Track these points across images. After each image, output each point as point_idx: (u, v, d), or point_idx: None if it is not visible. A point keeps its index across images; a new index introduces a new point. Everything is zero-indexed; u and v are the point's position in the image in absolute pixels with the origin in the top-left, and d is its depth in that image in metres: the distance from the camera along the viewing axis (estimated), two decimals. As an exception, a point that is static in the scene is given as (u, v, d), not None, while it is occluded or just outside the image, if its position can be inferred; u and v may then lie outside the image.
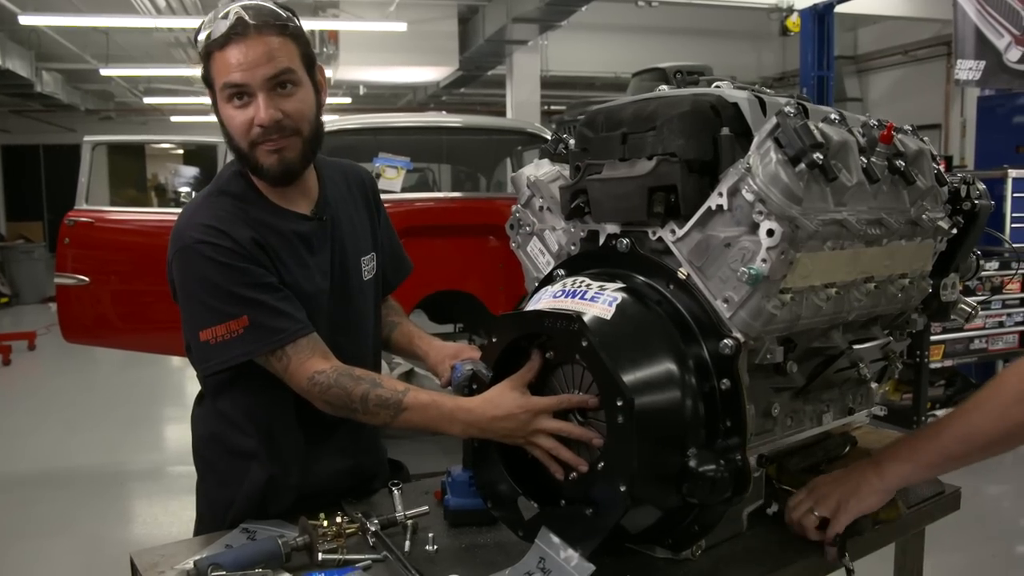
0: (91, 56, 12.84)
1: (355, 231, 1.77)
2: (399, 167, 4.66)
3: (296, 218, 1.65)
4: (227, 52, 1.51)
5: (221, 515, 1.66)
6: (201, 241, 1.53)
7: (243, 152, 1.58)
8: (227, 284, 1.52)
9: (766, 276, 1.23)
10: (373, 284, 1.80)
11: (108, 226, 5.11)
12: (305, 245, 1.64)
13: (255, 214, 1.60)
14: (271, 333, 1.51)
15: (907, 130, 1.56)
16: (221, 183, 1.66)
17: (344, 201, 1.76)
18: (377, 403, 1.49)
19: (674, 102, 1.36)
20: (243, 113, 1.54)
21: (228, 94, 1.53)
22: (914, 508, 1.66)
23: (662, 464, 1.26)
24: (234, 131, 1.56)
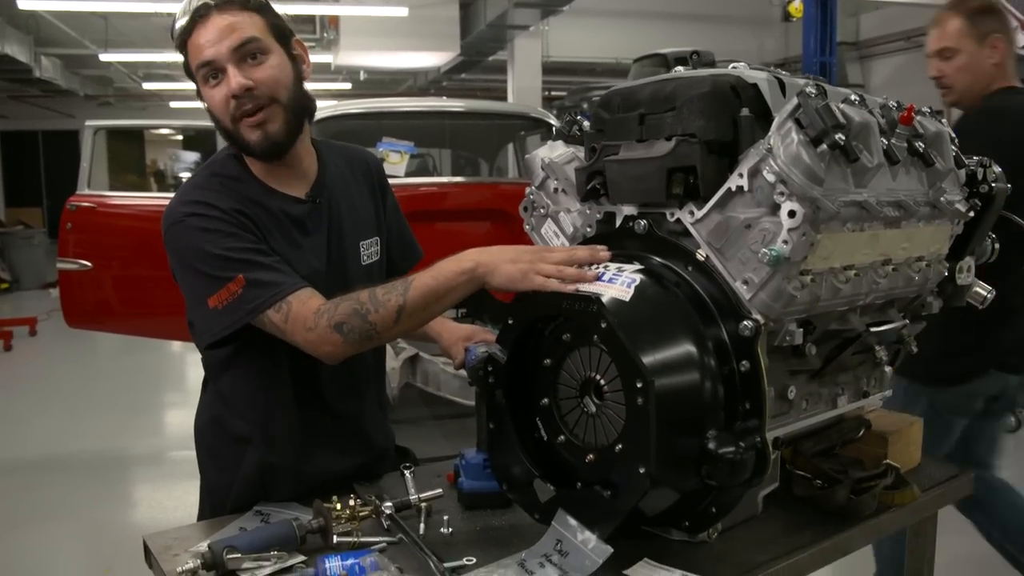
0: (90, 41, 12.78)
1: (355, 215, 1.75)
2: (403, 151, 4.64)
3: (289, 200, 1.65)
4: (195, 36, 1.54)
5: (221, 500, 1.66)
6: (190, 214, 1.54)
7: (230, 132, 1.59)
8: (219, 249, 1.51)
9: (787, 257, 1.22)
10: (375, 269, 1.78)
11: (110, 211, 5.09)
12: (298, 227, 1.64)
13: (247, 194, 1.60)
14: (270, 286, 1.49)
15: (926, 112, 1.55)
16: (214, 166, 1.66)
17: (345, 184, 1.75)
18: (386, 291, 1.45)
19: (694, 83, 1.34)
20: (220, 90, 1.55)
21: (203, 75, 1.55)
22: (928, 491, 1.66)
23: (681, 446, 1.25)
24: (216, 111, 1.57)
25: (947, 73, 2.56)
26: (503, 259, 1.40)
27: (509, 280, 1.39)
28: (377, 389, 1.84)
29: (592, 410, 1.36)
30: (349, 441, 1.73)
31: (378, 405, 1.84)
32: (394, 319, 1.45)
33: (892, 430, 1.72)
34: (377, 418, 1.82)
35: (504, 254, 1.41)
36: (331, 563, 1.28)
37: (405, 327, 1.49)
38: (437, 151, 7.67)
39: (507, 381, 1.43)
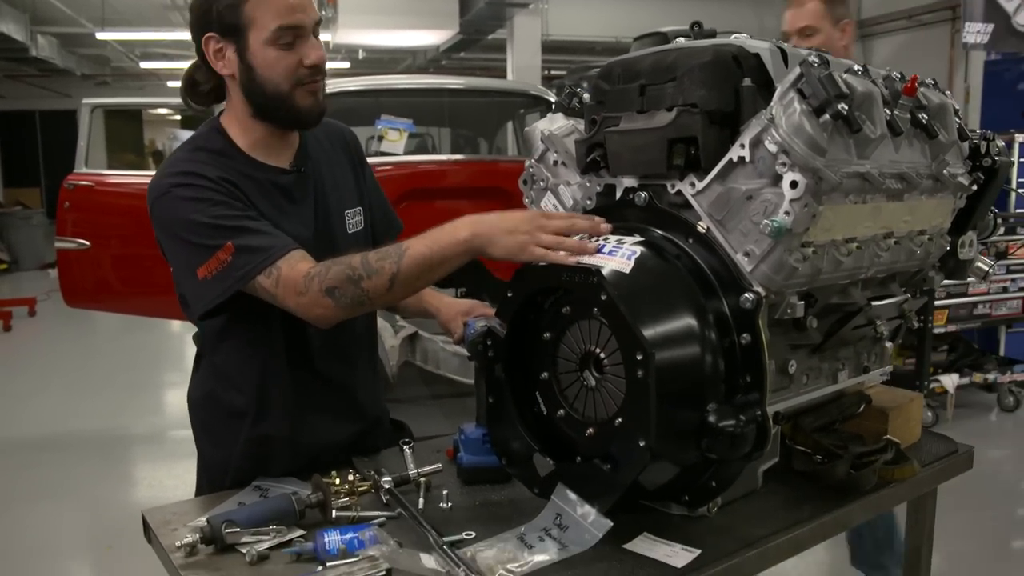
0: (86, 19, 12.70)
1: (338, 185, 1.76)
2: (402, 129, 4.62)
3: (274, 171, 1.65)
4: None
5: (219, 477, 1.65)
6: (176, 184, 1.53)
7: (281, 93, 1.58)
8: (206, 218, 1.50)
9: (789, 229, 1.21)
10: (361, 238, 1.78)
11: (108, 190, 5.07)
12: (285, 195, 1.64)
13: (232, 165, 1.60)
14: (259, 252, 1.48)
15: (930, 83, 1.53)
16: (198, 140, 1.65)
17: (326, 155, 1.76)
18: (379, 257, 1.44)
19: (695, 52, 1.32)
20: (290, 55, 1.56)
21: (277, 36, 1.54)
22: (928, 467, 1.65)
23: (681, 419, 1.24)
24: (277, 74, 1.56)
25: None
26: (501, 229, 1.38)
27: (507, 252, 1.37)
28: (369, 355, 1.84)
29: (592, 384, 1.35)
30: (342, 408, 1.73)
31: (370, 371, 1.83)
32: (387, 286, 1.44)
33: (892, 406, 1.71)
34: (369, 384, 1.81)
35: (503, 223, 1.38)
36: (330, 537, 1.28)
37: (398, 295, 1.48)
38: (436, 129, 7.62)
39: (506, 355, 1.42)
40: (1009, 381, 5.16)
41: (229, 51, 1.57)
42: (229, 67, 1.58)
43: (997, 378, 5.09)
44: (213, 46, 1.57)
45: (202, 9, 1.56)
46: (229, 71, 1.59)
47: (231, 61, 1.58)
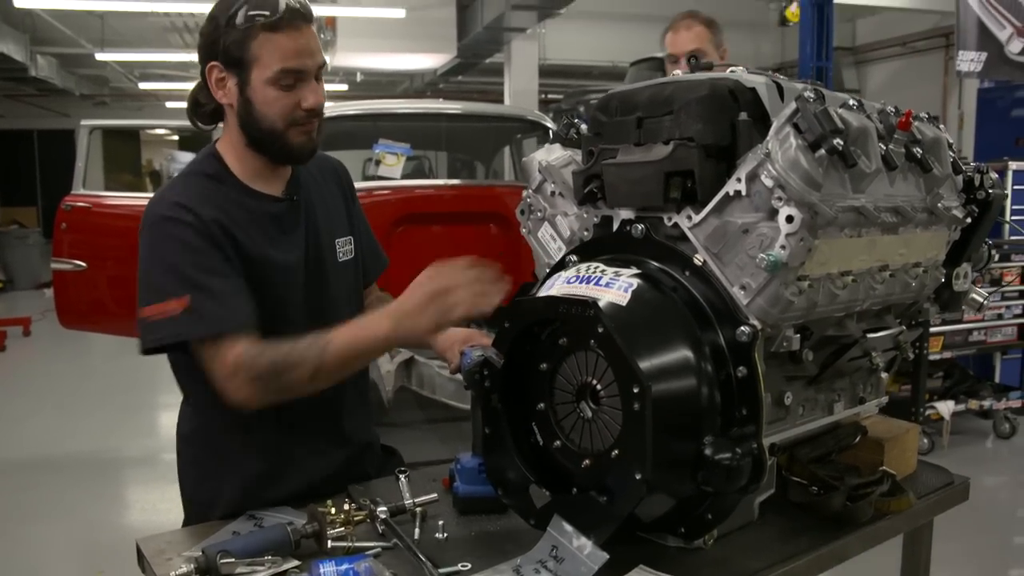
0: (86, 40, 12.76)
1: (329, 214, 1.78)
2: (399, 153, 4.64)
3: (267, 199, 1.67)
4: (283, 36, 1.55)
5: (207, 511, 1.64)
6: (166, 218, 1.55)
7: (276, 131, 1.60)
8: (180, 263, 1.52)
9: (785, 263, 1.21)
10: (352, 267, 1.81)
11: (105, 211, 5.08)
12: (276, 224, 1.66)
13: (226, 193, 1.62)
14: (207, 320, 1.50)
15: (924, 117, 1.54)
16: (195, 165, 1.68)
17: (317, 185, 1.78)
18: (307, 346, 1.49)
19: (692, 86, 1.34)
20: (289, 96, 1.58)
21: (278, 77, 1.56)
22: (924, 498, 1.65)
23: (677, 452, 1.24)
24: (273, 112, 1.58)
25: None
26: (413, 313, 1.46)
27: (428, 332, 1.49)
28: (356, 382, 1.83)
29: (588, 415, 1.35)
30: (328, 436, 1.73)
31: (357, 397, 1.83)
32: (309, 378, 1.50)
33: (888, 436, 1.71)
34: (357, 411, 1.81)
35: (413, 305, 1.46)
36: (325, 568, 1.27)
37: (320, 385, 1.53)
38: (433, 153, 7.65)
39: (503, 385, 1.42)
40: (1005, 408, 5.17)
41: (231, 82, 1.59)
42: (228, 97, 1.60)
43: (993, 405, 5.09)
44: (216, 74, 1.59)
45: (210, 37, 1.58)
46: (228, 101, 1.61)
47: (231, 92, 1.60)
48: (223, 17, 1.56)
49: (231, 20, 1.54)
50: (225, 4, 1.58)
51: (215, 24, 1.57)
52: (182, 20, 12.25)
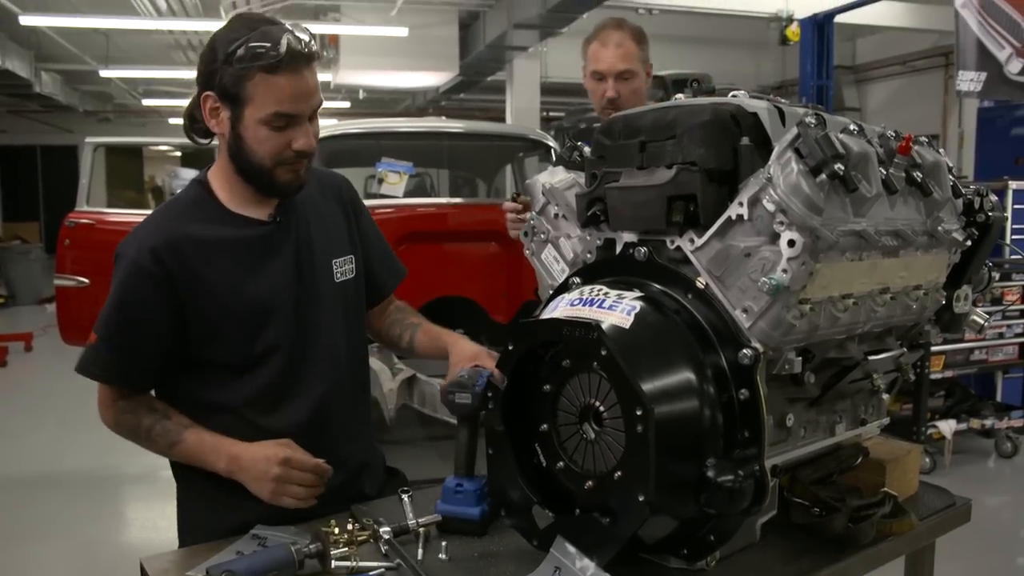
0: (90, 57, 12.83)
1: (326, 234, 1.78)
2: (401, 172, 4.66)
3: (250, 223, 1.68)
4: (280, 78, 1.55)
5: (203, 535, 1.64)
6: (125, 255, 1.62)
7: (264, 168, 1.62)
8: (112, 305, 1.62)
9: (787, 286, 1.23)
10: (350, 286, 1.81)
11: (109, 228, 5.10)
12: (257, 250, 1.68)
13: (204, 220, 1.66)
14: (98, 366, 1.64)
15: (923, 141, 1.56)
16: (182, 192, 1.75)
17: (314, 203, 1.78)
18: (163, 431, 1.64)
19: (694, 111, 1.35)
20: (280, 137, 1.59)
21: (271, 119, 1.57)
22: (926, 520, 1.66)
23: (680, 474, 1.25)
24: (263, 151, 1.60)
25: (624, 95, 2.50)
26: (251, 478, 1.58)
27: (259, 496, 1.59)
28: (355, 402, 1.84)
29: (591, 436, 1.35)
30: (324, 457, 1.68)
31: (355, 417, 1.83)
32: (158, 452, 1.68)
33: (890, 458, 1.72)
34: (353, 433, 1.81)
35: (252, 471, 1.58)
36: (328, 589, 1.27)
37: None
38: (435, 172, 7.68)
39: (506, 407, 1.42)
40: (1006, 427, 5.16)
41: (224, 114, 1.60)
42: (220, 127, 1.62)
43: (994, 424, 5.09)
44: (210, 104, 1.60)
45: (209, 68, 1.58)
46: (220, 131, 1.63)
47: (223, 123, 1.61)
48: (222, 50, 1.55)
49: (230, 56, 1.53)
50: (227, 35, 1.57)
51: (214, 55, 1.57)
52: (186, 38, 12.32)
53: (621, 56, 2.48)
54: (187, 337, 1.63)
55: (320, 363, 1.72)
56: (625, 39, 2.50)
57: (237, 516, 1.60)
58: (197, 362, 1.65)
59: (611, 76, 2.48)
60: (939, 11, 10.67)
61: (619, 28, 2.53)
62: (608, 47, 2.49)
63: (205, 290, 1.61)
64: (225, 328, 1.63)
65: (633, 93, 2.50)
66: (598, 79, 2.51)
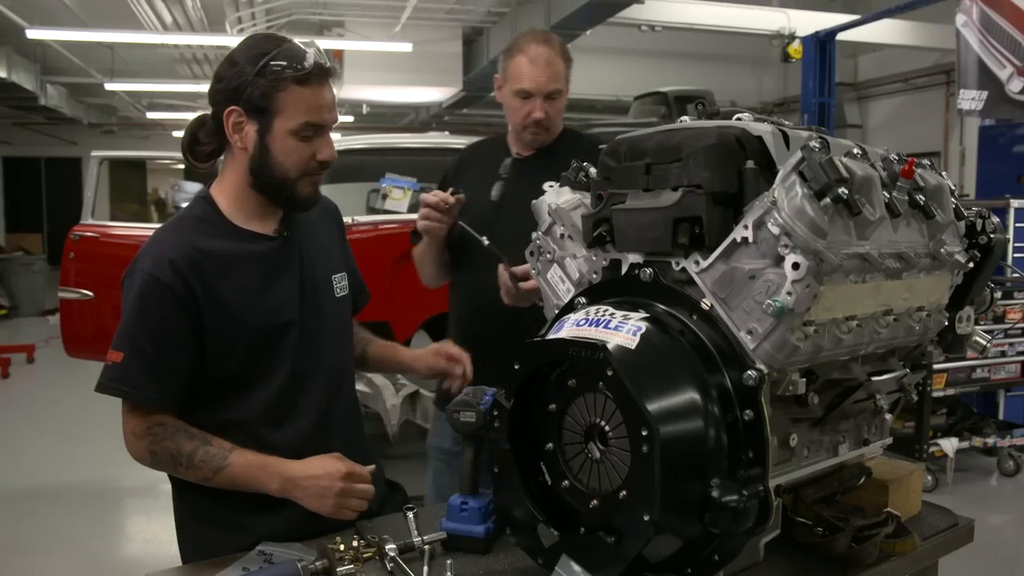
0: (96, 70, 12.91)
1: (324, 250, 1.82)
2: (406, 187, 4.69)
3: (257, 238, 1.70)
4: (308, 90, 1.60)
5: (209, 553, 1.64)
6: (141, 269, 1.60)
7: (288, 180, 1.64)
8: (134, 319, 1.59)
9: (791, 309, 1.24)
10: (346, 302, 1.86)
11: (114, 241, 5.12)
12: (267, 263, 1.69)
13: (214, 236, 1.66)
14: (131, 384, 1.58)
15: (926, 164, 1.57)
16: (186, 210, 1.75)
17: (310, 221, 1.81)
18: (206, 456, 1.59)
19: (700, 134, 1.37)
20: (306, 147, 1.63)
21: (301, 129, 1.61)
22: (929, 540, 1.66)
23: (685, 494, 1.26)
24: (290, 161, 1.63)
25: (552, 116, 2.33)
26: (310, 492, 1.58)
27: (316, 511, 1.59)
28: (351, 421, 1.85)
29: (596, 456, 1.36)
30: None
31: (355, 436, 1.85)
32: (197, 480, 1.62)
33: (892, 478, 1.72)
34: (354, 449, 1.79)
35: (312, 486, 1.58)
36: (335, 606, 1.28)
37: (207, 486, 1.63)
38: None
39: (512, 425, 1.43)
40: (1009, 445, 5.16)
41: (250, 128, 1.62)
42: (244, 142, 1.63)
43: (997, 442, 5.09)
44: (234, 119, 1.62)
45: (233, 83, 1.60)
46: (243, 145, 1.64)
47: (248, 138, 1.63)
48: (250, 65, 1.59)
49: (261, 69, 1.57)
50: (251, 51, 1.61)
51: (239, 70, 1.60)
52: (191, 52, 12.41)
53: (551, 76, 2.29)
54: (204, 352, 1.62)
55: (324, 376, 1.74)
56: (554, 57, 2.30)
57: (241, 535, 1.61)
58: (209, 379, 1.64)
59: (540, 96, 2.29)
60: (940, 29, 10.74)
61: (548, 44, 2.31)
62: (537, 65, 2.28)
63: (222, 305, 1.61)
64: (241, 343, 1.63)
65: (558, 113, 2.35)
66: (523, 97, 2.29)
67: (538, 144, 2.37)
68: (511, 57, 2.33)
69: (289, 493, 1.59)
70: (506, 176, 2.29)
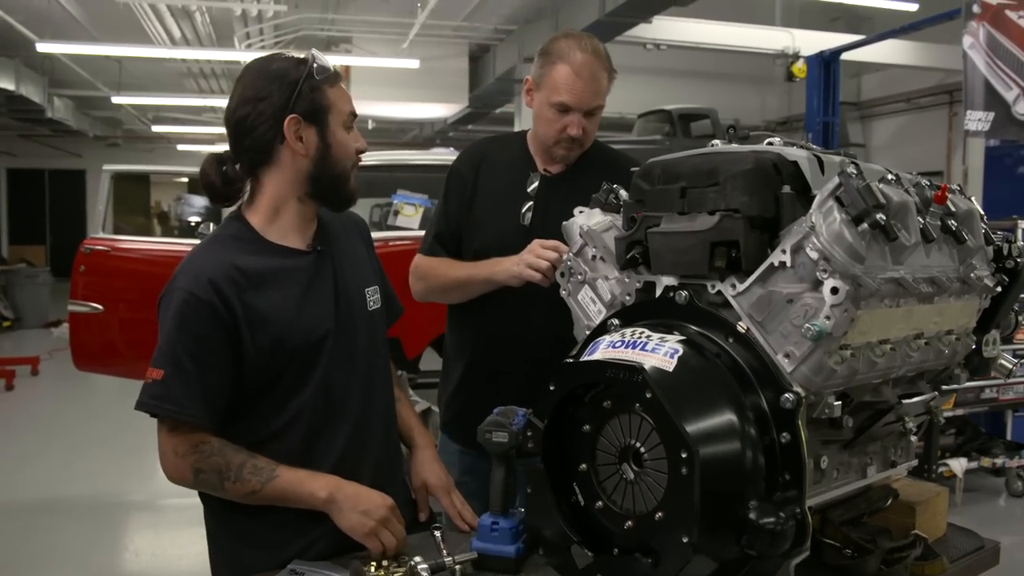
0: (103, 83, 12.96)
1: (357, 264, 1.84)
2: (418, 204, 4.71)
3: (291, 253, 1.71)
4: (339, 89, 1.72)
5: (242, 571, 1.66)
6: (180, 287, 1.62)
7: (344, 172, 1.73)
8: (174, 337, 1.59)
9: (829, 333, 1.25)
10: (380, 316, 1.86)
11: (124, 255, 5.14)
12: (303, 279, 1.71)
13: (250, 252, 1.67)
14: (171, 402, 1.58)
15: (956, 189, 1.59)
16: (219, 229, 1.78)
17: (339, 236, 1.84)
18: (254, 470, 1.60)
19: (736, 159, 1.38)
20: (351, 138, 1.73)
21: (347, 119, 1.73)
22: (956, 563, 1.67)
23: (722, 515, 1.26)
24: (345, 153, 1.72)
25: (589, 132, 2.16)
26: (356, 508, 1.61)
27: (350, 527, 1.61)
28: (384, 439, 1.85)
29: (630, 477, 1.37)
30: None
31: (384, 454, 1.84)
32: (242, 496, 1.61)
33: (919, 500, 1.73)
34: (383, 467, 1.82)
35: (360, 503, 1.62)
36: (372, 626, 1.28)
37: (251, 504, 1.63)
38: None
39: (546, 446, 1.44)
40: (1017, 466, 5.16)
41: (310, 133, 1.67)
42: (306, 147, 1.67)
43: (1005, 462, 5.09)
44: (294, 127, 1.65)
45: (284, 95, 1.64)
46: (304, 151, 1.67)
47: (309, 142, 1.67)
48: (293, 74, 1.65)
49: (308, 76, 1.66)
50: (287, 65, 1.67)
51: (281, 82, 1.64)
52: (198, 66, 12.47)
53: (596, 91, 2.11)
54: (242, 369, 1.62)
55: (358, 389, 1.75)
56: (600, 71, 2.10)
57: (274, 552, 1.62)
58: (246, 395, 1.64)
59: (580, 112, 2.10)
60: (943, 50, 10.81)
61: (596, 55, 2.10)
62: (583, 78, 2.07)
63: (261, 321, 1.62)
64: (279, 358, 1.64)
65: (594, 129, 2.19)
66: (561, 110, 2.09)
67: (568, 160, 2.19)
68: (552, 63, 2.10)
69: (335, 503, 1.60)
70: (535, 196, 2.17)
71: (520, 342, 2.10)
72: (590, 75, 2.08)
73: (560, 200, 1.90)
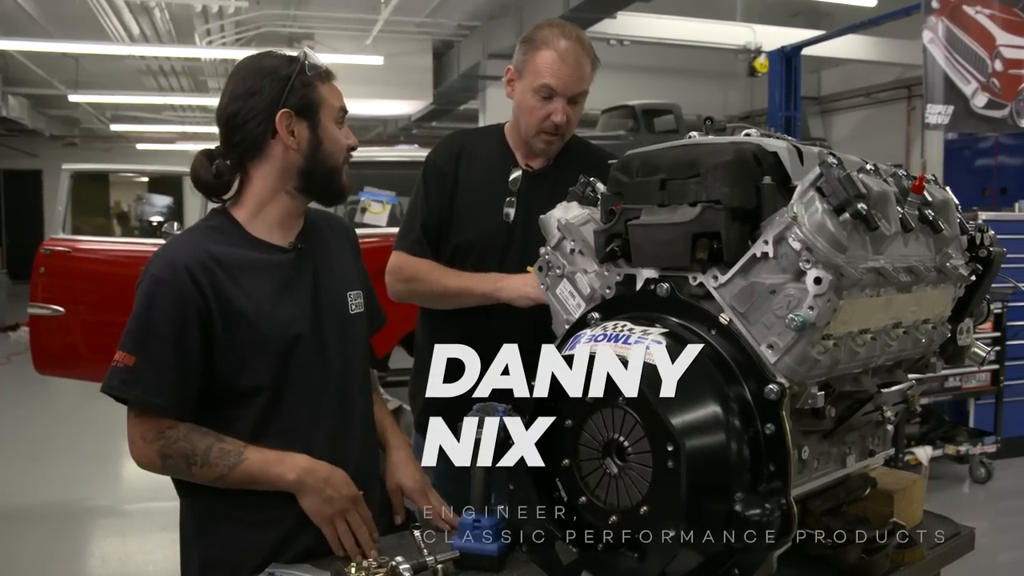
0: (59, 81, 12.71)
1: (341, 266, 1.81)
2: (385, 201, 4.67)
3: (272, 249, 1.70)
4: (330, 85, 1.73)
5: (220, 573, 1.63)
6: (153, 272, 1.60)
7: (336, 167, 1.72)
8: (147, 321, 1.58)
9: (813, 323, 1.25)
10: (362, 320, 1.83)
11: (85, 256, 5.04)
12: (280, 275, 1.69)
13: (229, 244, 1.66)
14: (141, 388, 1.56)
15: (932, 179, 1.60)
16: (202, 220, 1.77)
17: (325, 238, 1.82)
18: (221, 453, 1.57)
19: (717, 150, 1.38)
20: (342, 133, 1.74)
21: (337, 114, 1.72)
22: (934, 549, 1.68)
23: (708, 508, 1.26)
24: (337, 147, 1.72)
25: (572, 121, 2.13)
26: (320, 492, 1.60)
27: (311, 510, 1.60)
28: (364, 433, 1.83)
29: (614, 471, 1.36)
30: None
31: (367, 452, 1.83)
32: (211, 480, 1.59)
33: (896, 488, 1.74)
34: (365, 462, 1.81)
35: (327, 488, 1.60)
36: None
37: (220, 487, 1.60)
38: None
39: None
40: (980, 453, 5.25)
41: (301, 127, 1.66)
42: (297, 141, 1.66)
43: (969, 450, 5.17)
44: (286, 122, 1.65)
45: (276, 91, 1.64)
46: (296, 146, 1.66)
47: (301, 137, 1.67)
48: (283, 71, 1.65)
49: (300, 72, 1.66)
50: (278, 62, 1.68)
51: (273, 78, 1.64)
52: (157, 63, 12.26)
53: (581, 76, 2.08)
54: (213, 359, 1.60)
55: (335, 392, 1.72)
56: (584, 57, 2.08)
57: (254, 555, 1.59)
58: (219, 391, 1.61)
59: (564, 97, 2.07)
60: (902, 45, 10.98)
61: (579, 42, 2.08)
62: (568, 63, 2.05)
63: (235, 311, 1.60)
64: (252, 352, 1.62)
65: (577, 119, 2.15)
66: (545, 96, 2.06)
67: (549, 153, 2.18)
68: (535, 49, 2.07)
69: (304, 484, 1.59)
70: (517, 193, 2.13)
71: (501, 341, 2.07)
72: (575, 60, 2.06)
73: (543, 196, 1.88)
